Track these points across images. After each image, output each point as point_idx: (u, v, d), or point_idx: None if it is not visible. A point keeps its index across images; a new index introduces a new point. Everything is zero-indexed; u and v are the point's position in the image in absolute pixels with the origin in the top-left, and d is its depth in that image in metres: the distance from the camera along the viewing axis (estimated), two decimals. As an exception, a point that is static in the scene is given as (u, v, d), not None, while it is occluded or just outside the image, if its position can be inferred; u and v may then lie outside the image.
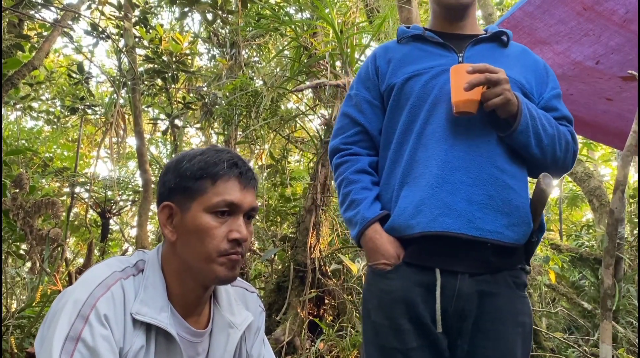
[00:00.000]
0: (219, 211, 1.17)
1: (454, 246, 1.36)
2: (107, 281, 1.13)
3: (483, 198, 1.37)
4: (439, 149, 1.40)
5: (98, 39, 6.30)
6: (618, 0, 2.30)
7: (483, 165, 1.39)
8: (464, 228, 1.34)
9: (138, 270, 1.21)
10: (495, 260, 1.38)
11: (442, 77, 1.45)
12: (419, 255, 1.39)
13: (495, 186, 1.38)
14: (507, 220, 1.37)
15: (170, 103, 6.84)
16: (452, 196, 1.36)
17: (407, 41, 1.60)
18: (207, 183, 1.18)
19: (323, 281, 4.10)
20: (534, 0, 2.41)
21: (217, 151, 1.23)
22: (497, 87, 1.33)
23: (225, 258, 1.17)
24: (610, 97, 2.97)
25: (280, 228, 5.60)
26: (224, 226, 1.17)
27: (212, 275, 1.17)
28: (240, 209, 1.19)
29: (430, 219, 1.35)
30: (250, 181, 1.22)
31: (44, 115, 8.73)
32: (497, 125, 1.42)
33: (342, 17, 5.30)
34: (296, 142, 6.29)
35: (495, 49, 1.55)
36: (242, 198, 1.19)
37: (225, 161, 1.20)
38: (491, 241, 1.35)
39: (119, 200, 8.13)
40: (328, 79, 4.24)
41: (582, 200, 8.62)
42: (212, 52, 6.82)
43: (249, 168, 1.24)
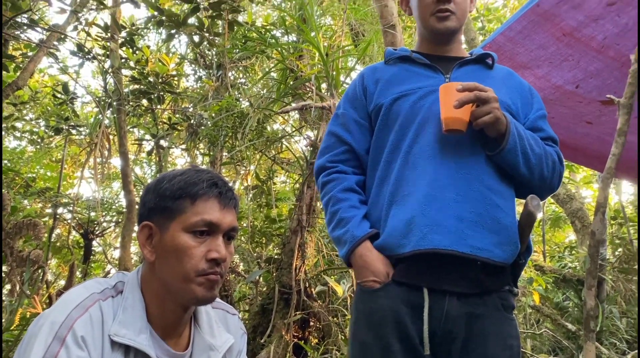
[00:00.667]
0: (197, 230, 1.17)
1: (444, 264, 1.36)
2: (85, 303, 1.12)
3: (472, 216, 1.37)
4: (427, 168, 1.41)
5: (84, 59, 6.29)
6: (596, 27, 2.37)
7: (472, 183, 1.40)
8: (455, 244, 1.34)
9: (117, 292, 1.20)
10: (484, 278, 1.38)
11: (429, 97, 1.48)
12: (407, 273, 1.39)
13: (484, 204, 1.39)
14: (496, 239, 1.38)
15: (156, 124, 6.82)
16: (441, 214, 1.36)
17: (394, 62, 1.63)
18: (186, 203, 1.18)
19: (308, 304, 4.07)
20: (515, 26, 2.47)
21: (197, 171, 1.24)
22: (486, 106, 1.34)
23: (204, 278, 1.16)
24: (590, 120, 3.04)
25: (265, 249, 5.57)
26: (203, 246, 1.17)
27: (191, 295, 1.16)
28: (220, 229, 1.19)
29: (420, 238, 1.35)
30: (230, 201, 1.22)
31: (28, 135, 8.65)
32: (486, 144, 1.43)
33: (328, 41, 5.36)
34: (282, 163, 6.30)
35: (481, 71, 1.59)
36: (222, 217, 1.19)
37: (204, 181, 1.20)
38: (481, 258, 1.35)
39: (102, 221, 8.04)
40: (314, 101, 4.27)
41: (564, 221, 8.70)
42: (199, 73, 6.84)
43: (229, 188, 1.24)
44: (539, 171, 1.46)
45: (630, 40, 2.37)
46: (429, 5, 1.54)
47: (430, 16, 1.55)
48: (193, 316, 1.30)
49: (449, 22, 1.54)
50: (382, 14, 4.68)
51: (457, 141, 1.43)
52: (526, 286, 5.26)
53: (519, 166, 1.42)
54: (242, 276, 5.32)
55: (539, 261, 6.85)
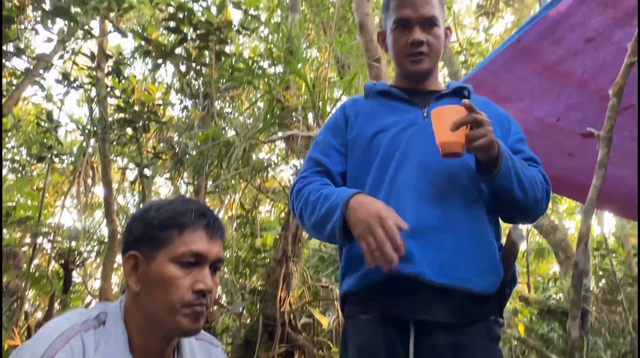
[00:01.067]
0: (185, 261, 1.15)
1: (427, 295, 1.35)
2: (67, 334, 1.09)
3: (453, 245, 1.37)
4: (410, 198, 1.42)
5: (69, 88, 6.28)
6: (575, 62, 2.43)
7: (454, 213, 1.41)
8: (434, 275, 1.34)
9: (99, 323, 1.18)
10: (469, 307, 1.37)
11: (408, 131, 1.50)
12: (392, 305, 1.38)
13: (465, 233, 1.40)
14: (477, 268, 1.38)
15: (140, 153, 6.80)
16: (424, 244, 1.37)
17: (373, 97, 1.65)
18: (173, 233, 1.16)
19: (293, 336, 4.01)
20: (497, 60, 2.53)
21: (185, 201, 1.23)
22: (481, 128, 1.33)
23: (189, 310, 1.14)
24: (571, 152, 3.09)
25: (250, 280, 5.50)
26: (189, 276, 1.15)
27: (176, 326, 1.15)
28: (207, 260, 1.17)
29: (403, 263, 1.34)
30: (217, 232, 1.21)
31: (9, 163, 8.54)
32: (478, 170, 1.42)
33: (315, 72, 5.44)
34: (267, 192, 6.29)
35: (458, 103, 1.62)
36: (209, 248, 1.18)
37: (192, 211, 1.19)
38: (461, 289, 1.35)
39: (82, 251, 7.90)
40: (300, 131, 4.30)
41: (548, 253, 8.76)
42: (185, 102, 6.86)
43: (217, 219, 1.23)
44: (532, 193, 1.46)
45: (608, 75, 2.43)
46: (402, 48, 1.58)
47: (404, 58, 1.58)
48: (176, 348, 1.28)
49: (422, 64, 1.58)
50: (367, 48, 4.78)
51: (438, 171, 1.44)
52: (511, 318, 5.25)
53: (514, 189, 1.41)
54: (226, 307, 5.24)
55: (523, 293, 6.86)
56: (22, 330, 4.76)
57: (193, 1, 5.88)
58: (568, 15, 2.21)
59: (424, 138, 1.48)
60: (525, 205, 1.46)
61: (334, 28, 6.21)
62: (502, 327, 1.46)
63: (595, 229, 9.15)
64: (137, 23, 6.92)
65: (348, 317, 1.48)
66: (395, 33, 1.60)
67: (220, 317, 5.31)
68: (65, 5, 4.64)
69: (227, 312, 5.25)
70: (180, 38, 5.65)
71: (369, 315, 1.41)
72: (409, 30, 1.56)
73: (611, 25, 2.21)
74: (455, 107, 1.35)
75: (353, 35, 7.03)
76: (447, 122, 1.32)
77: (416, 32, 1.55)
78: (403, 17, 1.57)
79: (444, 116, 1.34)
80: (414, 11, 1.56)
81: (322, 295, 4.73)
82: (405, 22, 1.57)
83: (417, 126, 1.51)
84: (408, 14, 1.56)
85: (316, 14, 7.66)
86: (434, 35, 1.58)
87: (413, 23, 1.56)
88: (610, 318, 6.08)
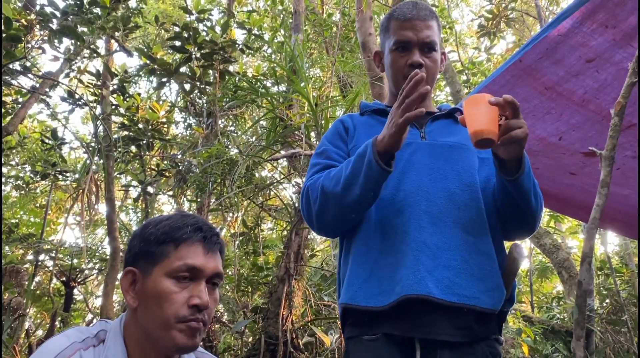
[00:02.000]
0: (180, 275, 1.14)
1: (434, 314, 1.34)
2: (65, 353, 1.09)
3: (459, 263, 1.38)
4: (412, 216, 1.42)
5: (74, 105, 6.34)
6: (576, 82, 2.46)
7: (456, 230, 1.42)
8: (443, 293, 1.33)
9: (99, 341, 1.17)
10: (475, 326, 1.37)
11: (407, 150, 1.51)
12: (398, 324, 1.37)
13: (469, 251, 1.40)
14: (482, 286, 1.38)
15: (144, 170, 6.82)
16: (432, 262, 1.37)
17: (369, 115, 1.69)
18: (169, 247, 1.16)
19: (295, 355, 3.98)
20: (498, 80, 2.56)
21: (183, 216, 1.23)
22: (519, 119, 1.30)
23: (185, 325, 1.12)
24: (574, 171, 3.10)
25: (252, 298, 5.48)
26: (185, 291, 1.14)
27: (171, 342, 1.13)
28: (203, 275, 1.16)
29: (414, 282, 1.33)
30: (214, 246, 1.20)
31: (13, 181, 8.58)
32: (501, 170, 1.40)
33: (317, 91, 5.48)
34: (270, 210, 6.29)
35: (451, 125, 1.65)
36: (205, 262, 1.16)
37: (189, 226, 1.19)
38: (469, 307, 1.35)
39: (84, 268, 7.88)
40: (303, 149, 4.32)
41: (551, 272, 8.71)
42: (189, 121, 6.91)
43: (215, 233, 1.22)
44: (540, 200, 1.47)
45: (609, 95, 2.46)
46: (401, 69, 1.61)
47: (402, 79, 1.57)
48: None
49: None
50: (369, 67, 4.83)
51: (438, 188, 1.45)
52: (515, 338, 5.20)
53: (531, 193, 1.40)
54: (227, 326, 5.21)
55: (527, 312, 6.80)
56: (24, 347, 4.73)
57: (198, 21, 5.96)
58: (569, 36, 2.24)
59: (422, 157, 1.51)
60: (534, 212, 1.46)
61: (336, 47, 6.27)
62: (501, 345, 1.47)
63: (599, 248, 9.12)
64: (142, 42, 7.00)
65: (350, 337, 1.46)
66: (394, 54, 1.63)
67: (222, 336, 5.27)
68: (72, 25, 4.71)
69: (229, 331, 5.22)
70: (185, 57, 5.72)
71: (373, 335, 1.40)
72: (408, 52, 1.60)
73: (612, 46, 2.24)
74: (489, 95, 1.30)
75: (355, 54, 7.11)
76: (481, 109, 1.27)
77: (415, 54, 1.59)
78: (404, 40, 1.61)
79: (479, 103, 1.29)
80: (415, 34, 1.60)
81: (324, 314, 4.70)
82: (405, 44, 1.61)
83: (416, 145, 1.54)
84: (409, 36, 1.60)
85: (319, 34, 7.74)
86: (431, 59, 1.62)
87: (413, 46, 1.60)
88: (614, 339, 6.03)
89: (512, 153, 1.33)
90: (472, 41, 13.16)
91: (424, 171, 1.48)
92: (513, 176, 1.36)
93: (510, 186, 1.39)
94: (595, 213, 2.04)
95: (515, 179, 1.36)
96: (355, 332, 1.43)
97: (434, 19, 1.65)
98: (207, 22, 6.09)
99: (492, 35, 9.22)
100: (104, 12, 5.11)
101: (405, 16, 1.62)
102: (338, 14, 7.59)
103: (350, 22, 7.42)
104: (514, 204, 1.44)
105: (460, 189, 1.47)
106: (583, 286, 2.06)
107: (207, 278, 1.17)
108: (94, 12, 4.87)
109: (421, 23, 1.60)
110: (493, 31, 9.12)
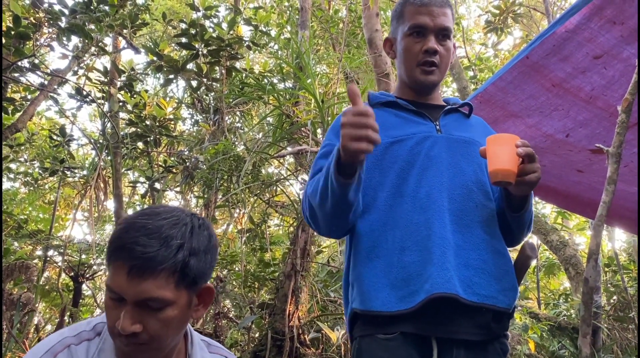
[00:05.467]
0: (109, 295, 1.08)
1: (452, 313, 1.33)
2: (55, 348, 1.10)
3: (478, 263, 1.38)
4: (435, 213, 1.40)
5: (82, 102, 6.38)
6: (584, 79, 2.45)
7: (475, 229, 1.42)
8: (465, 293, 1.33)
9: (96, 333, 1.17)
10: (493, 325, 1.38)
11: (426, 143, 1.49)
12: (415, 323, 1.34)
13: (487, 250, 1.40)
14: (500, 285, 1.39)
15: (151, 166, 6.86)
16: (455, 260, 1.36)
17: (379, 106, 1.61)
18: (107, 262, 1.10)
19: (301, 351, 4.00)
20: (505, 76, 2.55)
21: (130, 224, 1.09)
22: (534, 164, 1.35)
23: (118, 342, 1.08)
24: (581, 169, 3.09)
25: (258, 294, 5.51)
26: (117, 310, 1.07)
27: (117, 351, 1.12)
28: (126, 299, 1.05)
29: (444, 281, 1.32)
30: (142, 269, 1.04)
31: (22, 177, 8.65)
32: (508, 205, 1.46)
33: (324, 88, 5.48)
34: (276, 206, 6.31)
35: (462, 119, 1.65)
36: (126, 288, 1.04)
37: (116, 242, 1.07)
38: (488, 306, 1.35)
39: (92, 264, 7.94)
40: (310, 146, 4.33)
41: (558, 268, 8.68)
42: (196, 117, 6.94)
43: (148, 255, 1.04)
44: (531, 227, 1.55)
45: (617, 92, 2.45)
46: (415, 55, 1.56)
47: (415, 66, 1.57)
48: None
49: (432, 76, 1.57)
50: (376, 63, 4.82)
51: (457, 187, 1.45)
52: (522, 334, 5.20)
53: (526, 225, 1.49)
54: (234, 321, 5.24)
55: (533, 309, 6.79)
56: (33, 342, 4.78)
57: (205, 18, 5.98)
58: (576, 33, 2.23)
59: (440, 151, 1.49)
60: (522, 237, 1.56)
61: (343, 44, 6.27)
62: (507, 339, 1.49)
63: (606, 245, 9.08)
64: (149, 39, 7.03)
65: (363, 336, 1.40)
66: (408, 39, 1.58)
67: (229, 331, 5.31)
68: (80, 23, 4.74)
69: (235, 326, 5.25)
70: (192, 54, 5.74)
71: (389, 334, 1.35)
72: (424, 38, 1.55)
73: (619, 42, 2.23)
74: (512, 136, 1.35)
75: (362, 51, 7.10)
76: (504, 151, 1.33)
77: (431, 40, 1.55)
78: (420, 24, 1.55)
79: (502, 143, 1.34)
80: (432, 20, 1.55)
81: (330, 310, 4.72)
82: (421, 29, 1.55)
83: (433, 139, 1.51)
84: (425, 21, 1.55)
85: (326, 30, 7.74)
86: (446, 47, 1.58)
87: (429, 31, 1.55)
88: (621, 335, 6.01)
89: (522, 192, 1.39)
90: (479, 37, 13.10)
91: (444, 166, 1.47)
92: (517, 211, 1.44)
93: (510, 218, 1.47)
94: (602, 210, 2.03)
95: (518, 215, 1.45)
96: (369, 331, 1.39)
97: (449, 7, 1.61)
98: (214, 19, 6.10)
99: (499, 31, 9.18)
100: (112, 10, 5.14)
101: (422, 1, 1.57)
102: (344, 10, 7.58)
103: (357, 18, 7.41)
104: (508, 229, 1.51)
105: (477, 187, 1.48)
106: (590, 283, 2.06)
107: (133, 302, 1.05)
108: (102, 10, 4.89)
109: (438, 9, 1.56)
110: (500, 27, 9.08)
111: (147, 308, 1.06)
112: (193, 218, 1.16)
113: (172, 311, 1.08)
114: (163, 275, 1.05)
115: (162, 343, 1.10)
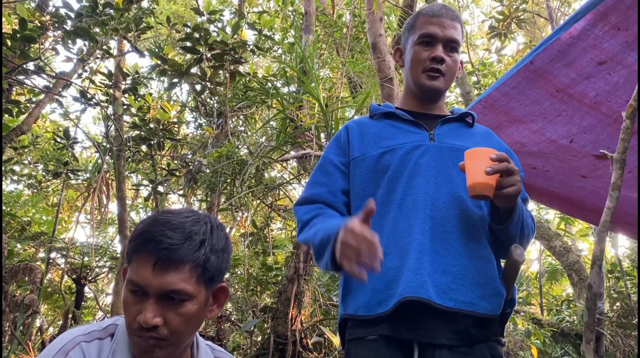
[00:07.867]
0: (132, 289, 1.11)
1: (431, 318, 1.36)
2: (66, 347, 1.11)
3: (458, 269, 1.40)
4: (417, 220, 1.44)
5: (87, 105, 6.41)
6: (588, 84, 2.45)
7: (458, 236, 1.44)
8: (439, 298, 1.35)
9: (107, 334, 1.18)
10: (473, 331, 1.39)
11: (415, 152, 1.54)
12: (396, 327, 1.39)
13: (470, 257, 1.42)
14: (481, 291, 1.40)
15: (155, 170, 6.88)
16: (431, 266, 1.39)
17: (379, 118, 1.69)
18: (129, 256, 1.12)
19: (304, 355, 3.99)
20: (509, 82, 2.56)
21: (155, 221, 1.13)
22: (512, 177, 1.36)
23: (137, 339, 1.10)
24: (584, 174, 3.09)
25: (261, 297, 5.50)
26: (138, 305, 1.09)
27: (134, 348, 1.14)
28: (150, 292, 1.08)
29: (416, 285, 1.36)
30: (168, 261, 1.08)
31: (25, 179, 8.67)
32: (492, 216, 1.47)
33: (327, 92, 5.49)
34: (279, 210, 6.31)
35: (462, 129, 1.66)
36: (151, 280, 1.08)
37: (143, 235, 1.11)
38: (465, 312, 1.37)
39: (95, 266, 7.95)
40: (313, 150, 4.34)
41: (561, 274, 8.66)
42: (199, 121, 6.95)
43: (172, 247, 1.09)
44: (527, 242, 1.54)
45: (621, 97, 2.45)
46: (422, 62, 1.62)
47: (422, 72, 1.62)
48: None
49: (437, 82, 1.61)
50: (379, 68, 4.83)
51: (443, 193, 1.48)
52: (524, 340, 5.18)
53: (516, 238, 1.47)
54: (237, 325, 5.24)
55: (536, 315, 6.77)
56: (37, 344, 4.79)
57: (209, 22, 6.00)
58: (580, 38, 2.24)
59: (430, 159, 1.52)
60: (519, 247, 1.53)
61: (346, 48, 6.28)
62: (503, 346, 1.49)
63: (610, 251, 9.05)
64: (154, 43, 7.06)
65: (352, 340, 1.47)
66: (417, 47, 1.64)
67: (232, 335, 5.30)
68: (85, 26, 4.76)
69: (238, 330, 5.25)
70: (196, 58, 5.76)
71: (372, 335, 1.42)
72: (432, 47, 1.61)
73: (624, 48, 2.24)
74: (490, 149, 1.37)
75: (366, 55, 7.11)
76: (481, 165, 1.34)
77: (439, 49, 1.60)
78: (430, 33, 1.61)
79: (479, 157, 1.36)
80: (442, 30, 1.61)
81: (333, 314, 4.72)
82: (430, 38, 1.61)
83: (424, 147, 1.55)
84: (435, 31, 1.61)
85: (329, 35, 7.76)
86: (453, 59, 1.63)
87: (438, 41, 1.61)
88: (625, 342, 5.98)
89: (504, 205, 1.41)
90: (482, 42, 13.11)
91: (431, 174, 1.50)
92: (502, 224, 1.44)
93: (496, 230, 1.47)
94: (606, 216, 2.03)
95: (502, 227, 1.45)
96: (359, 334, 1.45)
97: (460, 23, 1.67)
98: (218, 23, 6.13)
99: (503, 37, 9.18)
100: (117, 14, 5.16)
101: (434, 13, 1.64)
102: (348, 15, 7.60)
103: (361, 23, 7.42)
104: (498, 240, 1.51)
105: (466, 195, 1.48)
106: (593, 289, 2.06)
107: (156, 295, 1.08)
108: (107, 14, 4.92)
109: (449, 22, 1.62)
110: (504, 32, 9.08)
111: (169, 301, 1.09)
112: (211, 219, 1.21)
113: (192, 306, 1.11)
114: (187, 268, 1.09)
115: (179, 340, 1.13)
